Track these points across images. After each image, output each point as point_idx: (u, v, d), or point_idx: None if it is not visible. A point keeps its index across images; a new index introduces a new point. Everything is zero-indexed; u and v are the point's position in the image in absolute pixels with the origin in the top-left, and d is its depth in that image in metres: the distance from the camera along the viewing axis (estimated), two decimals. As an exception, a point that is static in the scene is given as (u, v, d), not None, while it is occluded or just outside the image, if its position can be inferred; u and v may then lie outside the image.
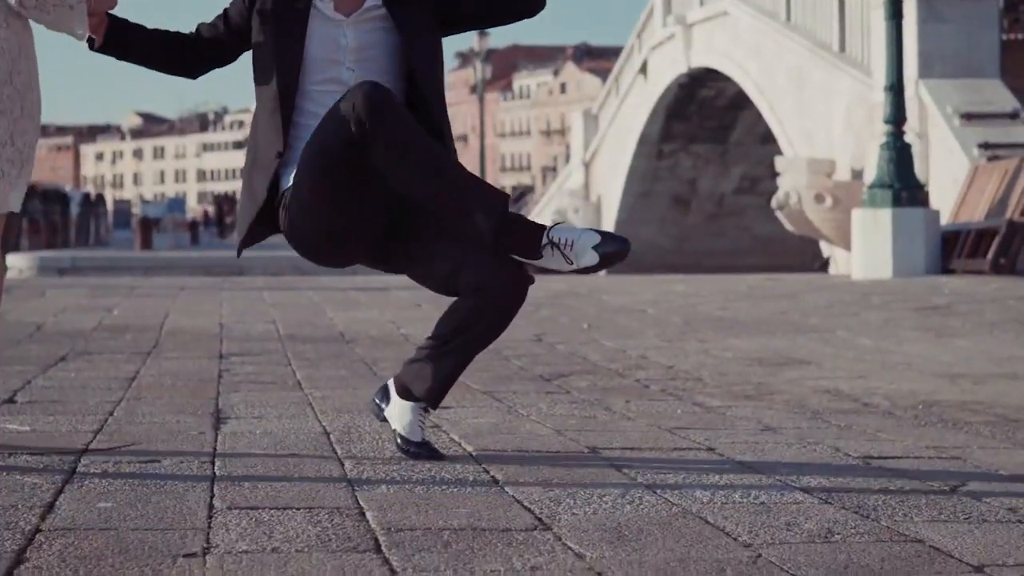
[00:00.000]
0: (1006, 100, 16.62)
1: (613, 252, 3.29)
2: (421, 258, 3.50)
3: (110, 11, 3.57)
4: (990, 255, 13.27)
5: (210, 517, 2.83)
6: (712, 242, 29.52)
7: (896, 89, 13.87)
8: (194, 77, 3.71)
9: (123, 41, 3.62)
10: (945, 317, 8.82)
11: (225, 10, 3.63)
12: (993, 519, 2.94)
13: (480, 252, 3.37)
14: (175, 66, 3.68)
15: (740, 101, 25.41)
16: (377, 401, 3.63)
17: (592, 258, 3.28)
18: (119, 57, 3.64)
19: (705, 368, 6.18)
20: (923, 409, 4.90)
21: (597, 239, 3.28)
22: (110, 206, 52.26)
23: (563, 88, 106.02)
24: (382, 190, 3.40)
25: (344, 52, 3.53)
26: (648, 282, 13.58)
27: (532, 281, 3.44)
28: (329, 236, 3.50)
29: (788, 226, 17.94)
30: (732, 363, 6.41)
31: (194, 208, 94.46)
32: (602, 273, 21.38)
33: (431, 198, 3.34)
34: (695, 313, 9.36)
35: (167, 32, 3.66)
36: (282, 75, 3.52)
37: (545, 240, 3.30)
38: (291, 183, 3.49)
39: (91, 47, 3.62)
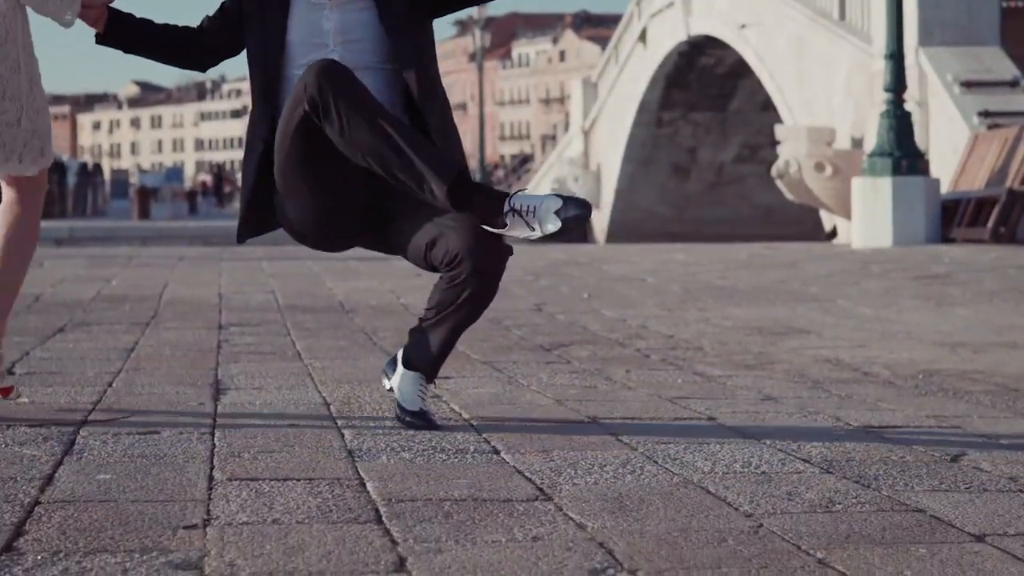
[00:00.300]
0: (1006, 68, 16.57)
1: (574, 216, 3.29)
2: (405, 235, 3.50)
3: (110, 4, 3.58)
4: (990, 224, 13.26)
5: (210, 489, 2.82)
6: (712, 211, 29.49)
7: (896, 57, 13.83)
8: (203, 70, 3.73)
9: (126, 34, 3.64)
10: (945, 286, 8.81)
11: (222, 1, 3.63)
12: (994, 488, 2.94)
13: (455, 225, 3.38)
14: (183, 59, 3.70)
15: (740, 69, 25.34)
16: (386, 371, 3.65)
17: (555, 223, 3.28)
18: (125, 50, 3.65)
19: (705, 337, 6.17)
20: (923, 378, 4.89)
21: (559, 203, 3.29)
22: (107, 176, 52.11)
23: (562, 56, 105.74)
24: (360, 169, 3.41)
25: (327, 35, 3.52)
26: (648, 251, 13.57)
27: (510, 252, 3.44)
28: (312, 219, 3.51)
29: (788, 195, 17.92)
30: (732, 332, 6.40)
31: (192, 177, 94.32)
32: (601, 242, 21.19)
33: (385, 170, 3.35)
34: (695, 282, 9.35)
35: (173, 26, 3.68)
36: (266, 62, 3.54)
37: (507, 207, 3.30)
38: None
39: (96, 40, 3.64)
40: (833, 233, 18.44)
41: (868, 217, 13.70)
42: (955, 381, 4.83)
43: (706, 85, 28.41)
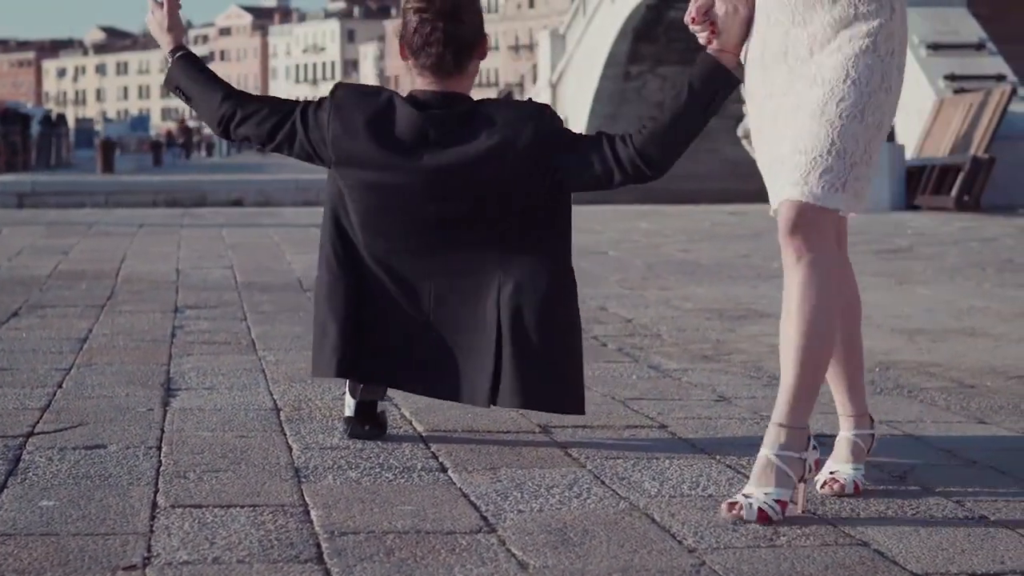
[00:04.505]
0: (972, 30, 16.57)
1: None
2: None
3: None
4: (954, 192, 13.28)
5: (153, 518, 2.80)
6: (680, 166, 29.23)
7: (863, 21, 13.78)
8: (226, 137, 3.78)
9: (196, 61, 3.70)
10: (907, 261, 8.83)
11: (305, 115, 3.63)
12: (940, 515, 2.94)
13: None
14: (213, 113, 3.73)
15: (708, 24, 25.22)
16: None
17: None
18: (190, 75, 3.67)
19: (664, 322, 6.17)
20: (879, 372, 4.90)
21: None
22: (72, 124, 51.66)
23: (531, 3, 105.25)
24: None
25: None
26: (612, 217, 13.55)
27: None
28: None
29: (754, 155, 17.91)
30: (691, 316, 6.40)
31: (158, 125, 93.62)
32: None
33: None
34: (657, 255, 9.34)
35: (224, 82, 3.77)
36: None
37: None
38: None
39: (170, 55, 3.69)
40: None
41: (833, 182, 13.68)
42: (911, 376, 4.83)
43: (674, 39, 28.37)
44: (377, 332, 3.46)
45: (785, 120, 2.97)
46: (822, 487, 3.09)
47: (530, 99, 3.62)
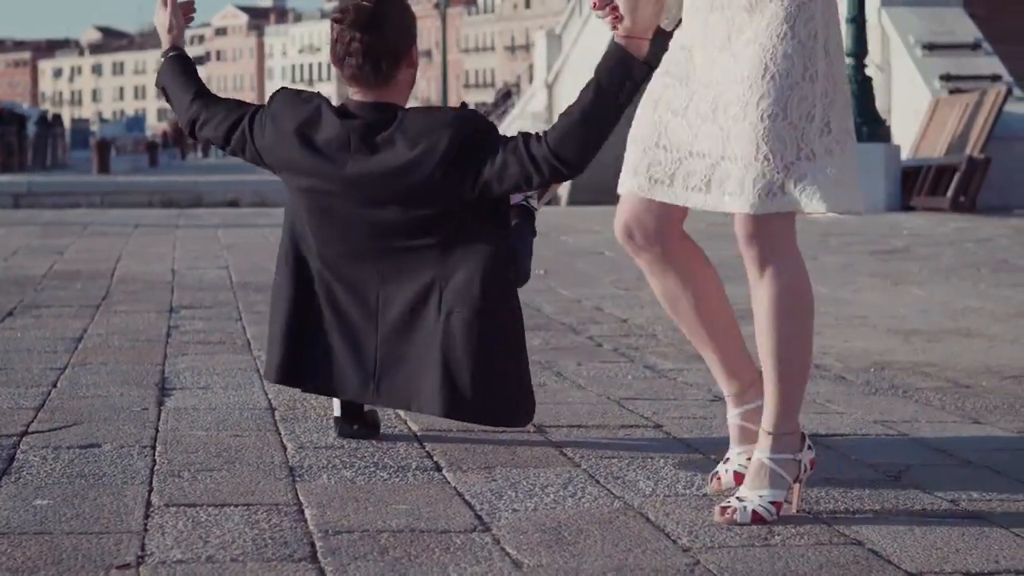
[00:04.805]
0: (967, 30, 16.58)
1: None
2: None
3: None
4: (950, 192, 13.29)
5: (147, 517, 2.80)
6: (675, 166, 29.44)
7: (858, 21, 13.81)
8: (189, 136, 3.88)
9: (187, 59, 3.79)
10: (903, 261, 8.83)
11: (252, 122, 3.68)
12: (934, 514, 2.94)
13: None
14: (185, 108, 3.81)
15: (704, 25, 25.21)
16: None
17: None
18: (180, 71, 3.72)
19: (659, 322, 6.16)
20: (875, 372, 4.90)
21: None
22: (68, 125, 51.64)
23: (527, 3, 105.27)
24: None
25: None
26: (608, 216, 13.51)
27: None
28: None
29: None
30: (686, 316, 6.39)
31: (154, 125, 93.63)
32: (564, 203, 21.16)
33: None
34: (653, 255, 9.32)
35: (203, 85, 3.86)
36: None
37: None
38: None
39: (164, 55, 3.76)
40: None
41: (828, 183, 13.70)
42: (906, 376, 4.83)
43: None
44: (324, 341, 3.45)
45: (704, 116, 2.87)
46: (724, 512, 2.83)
47: (463, 104, 3.60)
